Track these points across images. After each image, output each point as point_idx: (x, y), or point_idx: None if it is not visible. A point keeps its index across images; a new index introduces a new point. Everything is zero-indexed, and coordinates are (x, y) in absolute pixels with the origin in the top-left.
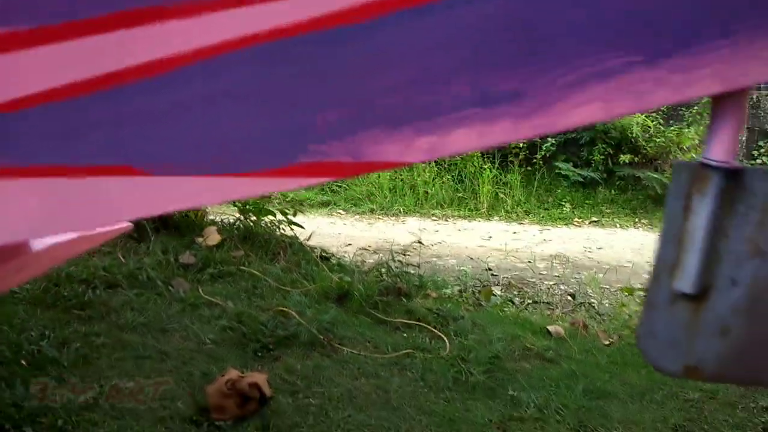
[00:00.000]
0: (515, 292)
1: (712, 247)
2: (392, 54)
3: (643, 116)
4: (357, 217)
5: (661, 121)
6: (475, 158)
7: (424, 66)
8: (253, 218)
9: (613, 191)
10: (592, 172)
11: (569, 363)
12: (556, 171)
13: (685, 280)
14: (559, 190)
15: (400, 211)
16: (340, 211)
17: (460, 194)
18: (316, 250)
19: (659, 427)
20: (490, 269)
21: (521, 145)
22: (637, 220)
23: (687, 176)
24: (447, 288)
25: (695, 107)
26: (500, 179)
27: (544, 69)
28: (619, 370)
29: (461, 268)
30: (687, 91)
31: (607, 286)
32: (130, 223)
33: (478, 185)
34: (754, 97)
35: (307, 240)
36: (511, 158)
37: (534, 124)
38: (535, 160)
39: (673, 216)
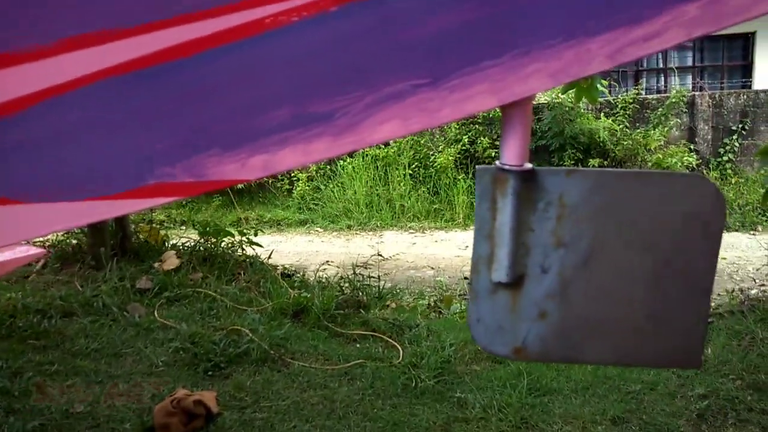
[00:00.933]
0: None
1: (520, 240)
2: (223, 84)
3: (609, 120)
4: (335, 233)
5: (628, 124)
6: (449, 170)
7: (252, 94)
8: (213, 240)
9: None
10: None
11: (518, 363)
12: None
13: (500, 271)
14: None
15: (377, 226)
16: (318, 228)
17: (436, 206)
18: (278, 268)
19: (598, 419)
20: (467, 278)
21: (493, 154)
22: None
23: (488, 180)
24: (407, 298)
25: (660, 110)
26: (474, 188)
27: (351, 92)
28: (566, 367)
29: (438, 278)
30: (467, 106)
31: None
32: (42, 249)
33: (454, 196)
34: (717, 96)
35: (268, 259)
36: None
37: (347, 141)
38: None
39: (482, 216)
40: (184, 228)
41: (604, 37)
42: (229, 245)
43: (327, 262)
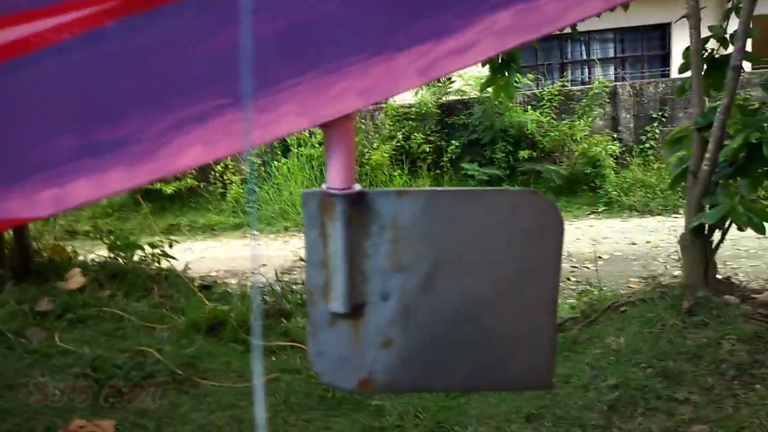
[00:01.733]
0: None
1: (356, 267)
2: None
3: (537, 113)
4: (272, 236)
5: (554, 116)
6: (384, 166)
7: (29, 121)
8: (123, 255)
9: (516, 186)
10: (495, 169)
11: None
12: (463, 171)
13: (337, 301)
14: None
15: None
16: (254, 232)
17: None
18: (195, 280)
19: (513, 417)
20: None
21: (428, 149)
22: None
23: (315, 205)
24: None
25: (584, 101)
26: (410, 184)
27: (141, 116)
28: None
29: None
30: (275, 129)
31: None
32: None
33: None
34: (638, 85)
35: (184, 271)
36: (419, 163)
37: (146, 169)
38: (442, 163)
39: (312, 243)
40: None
41: (413, 51)
42: (142, 259)
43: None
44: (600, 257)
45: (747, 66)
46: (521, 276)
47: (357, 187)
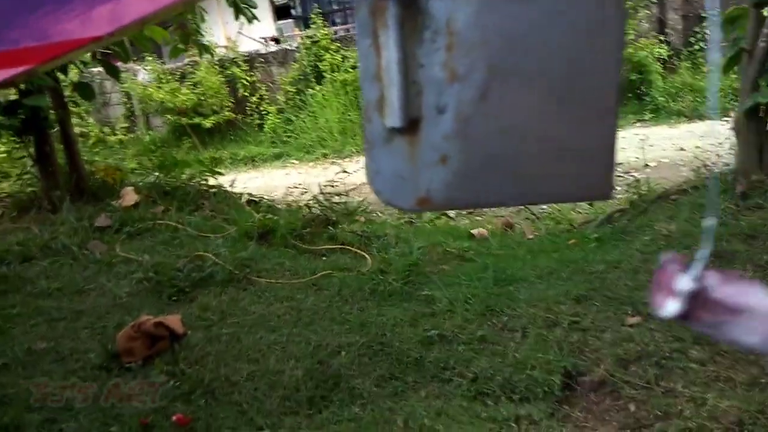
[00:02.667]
0: None
1: (410, 78)
2: None
3: None
4: (311, 164)
5: None
6: None
7: None
8: (172, 173)
9: None
10: None
11: (486, 258)
12: None
13: (393, 116)
14: None
15: (352, 152)
16: (294, 161)
17: None
18: (243, 196)
19: (562, 299)
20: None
21: None
22: None
23: (366, 11)
24: (378, 213)
25: (627, 2)
26: None
27: None
28: (533, 257)
29: None
30: None
31: None
32: None
33: None
34: None
35: (231, 186)
36: None
37: None
38: None
39: (365, 55)
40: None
41: None
42: (190, 177)
43: (295, 187)
44: (647, 165)
45: None
46: (580, 80)
47: None
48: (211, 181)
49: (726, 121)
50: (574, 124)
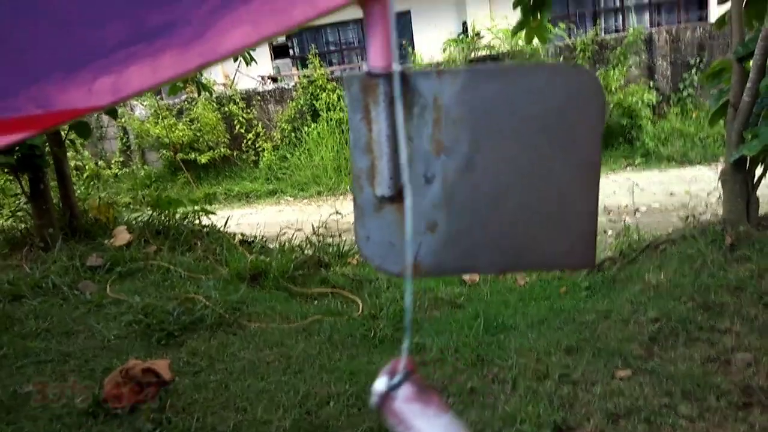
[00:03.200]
0: None
1: (399, 149)
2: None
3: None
4: (305, 201)
5: (588, 66)
6: None
7: (82, 7)
8: (165, 213)
9: None
10: None
11: (477, 305)
12: None
13: (383, 185)
14: None
15: (346, 190)
16: (288, 198)
17: None
18: (236, 237)
19: (552, 350)
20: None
21: None
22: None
23: (358, 88)
24: None
25: (618, 49)
26: None
27: None
28: (524, 305)
29: None
30: (322, 3)
31: None
32: None
33: None
34: (674, 31)
35: (224, 227)
36: None
37: (196, 52)
38: None
39: (357, 127)
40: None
41: None
42: (183, 216)
43: (288, 226)
44: (638, 209)
45: None
46: (562, 152)
47: (397, 67)
48: (204, 220)
49: (715, 167)
50: (557, 194)
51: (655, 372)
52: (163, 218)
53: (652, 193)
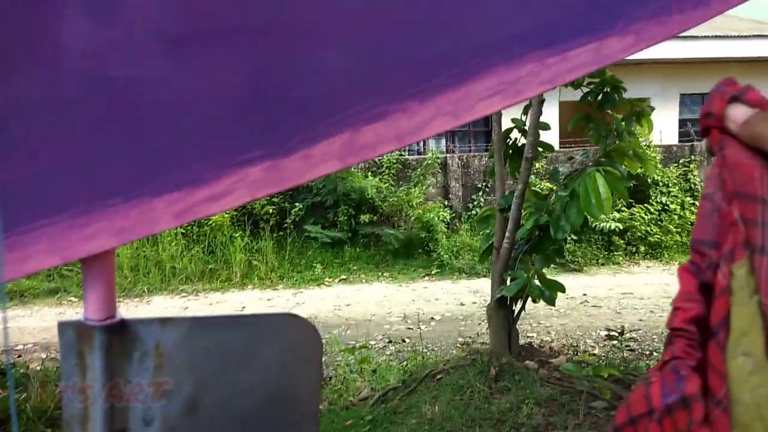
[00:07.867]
0: None
1: (117, 394)
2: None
3: (377, 179)
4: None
5: (393, 182)
6: (225, 227)
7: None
8: None
9: (358, 249)
10: (338, 232)
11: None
12: (306, 234)
13: (95, 431)
14: (309, 252)
15: (144, 291)
16: (72, 298)
17: (212, 265)
18: None
19: None
20: None
21: (271, 210)
22: (380, 273)
23: (73, 334)
24: None
25: (419, 170)
26: (253, 246)
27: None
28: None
29: None
30: (24, 267)
31: (352, 342)
32: None
33: (230, 254)
34: (465, 157)
35: None
36: (262, 224)
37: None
38: (285, 225)
39: (69, 372)
40: None
41: (168, 198)
42: None
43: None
44: (433, 318)
45: (555, 143)
46: (284, 392)
47: (119, 315)
48: None
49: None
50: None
51: None
52: None
53: (446, 303)
